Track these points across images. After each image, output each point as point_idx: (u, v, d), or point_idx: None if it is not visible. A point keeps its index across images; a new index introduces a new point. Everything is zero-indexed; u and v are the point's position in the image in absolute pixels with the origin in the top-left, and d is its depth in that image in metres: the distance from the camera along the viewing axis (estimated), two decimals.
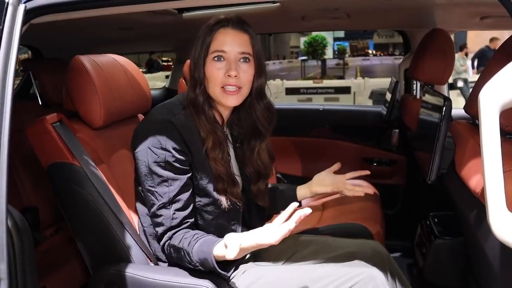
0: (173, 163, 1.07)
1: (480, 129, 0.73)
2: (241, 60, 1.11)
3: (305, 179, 2.50)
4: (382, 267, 1.21)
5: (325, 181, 1.40)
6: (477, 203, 0.93)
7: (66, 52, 2.06)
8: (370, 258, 1.22)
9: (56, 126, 1.21)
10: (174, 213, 1.08)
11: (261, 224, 1.35)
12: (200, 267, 1.07)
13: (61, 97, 1.36)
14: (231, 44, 1.10)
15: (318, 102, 9.36)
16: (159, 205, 1.08)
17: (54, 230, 1.98)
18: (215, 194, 1.13)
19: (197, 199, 1.13)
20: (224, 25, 1.11)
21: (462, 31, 3.11)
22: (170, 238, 1.10)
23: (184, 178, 1.09)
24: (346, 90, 10.74)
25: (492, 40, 9.51)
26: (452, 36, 2.36)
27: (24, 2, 0.81)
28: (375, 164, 2.54)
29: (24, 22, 0.80)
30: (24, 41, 2.48)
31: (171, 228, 1.09)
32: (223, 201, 1.13)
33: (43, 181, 1.25)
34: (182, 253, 1.07)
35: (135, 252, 1.19)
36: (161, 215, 1.09)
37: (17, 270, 0.87)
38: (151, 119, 1.12)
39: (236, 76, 1.09)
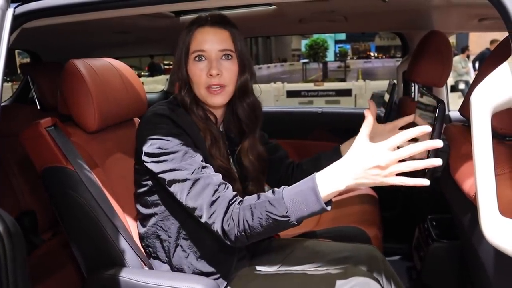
0: (186, 143, 1.03)
1: (472, 132, 0.72)
2: (223, 57, 1.09)
3: None
4: (377, 271, 1.20)
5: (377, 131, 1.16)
6: (471, 207, 0.92)
7: (64, 56, 2.07)
8: (365, 263, 1.21)
9: (50, 130, 1.21)
10: (212, 173, 1.00)
11: None
12: (291, 217, 0.90)
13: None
14: (210, 42, 1.08)
15: (319, 105, 9.36)
16: (192, 172, 0.99)
17: (51, 234, 1.98)
18: None
19: None
20: (202, 24, 1.10)
21: (461, 33, 3.10)
22: (236, 200, 0.97)
23: (201, 152, 1.04)
24: (347, 92, 10.74)
25: (492, 42, 9.49)
26: (454, 38, 2.35)
27: (14, 7, 0.81)
28: None
29: (13, 27, 0.79)
30: (21, 45, 2.48)
31: (220, 184, 0.99)
32: None
33: (41, 185, 1.25)
34: (267, 205, 0.91)
35: (129, 256, 1.18)
36: (199, 178, 0.98)
37: (8, 276, 0.86)
38: (149, 116, 1.09)
39: (218, 74, 1.07)
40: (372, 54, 40.78)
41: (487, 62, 1.01)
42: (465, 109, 1.08)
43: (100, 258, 1.21)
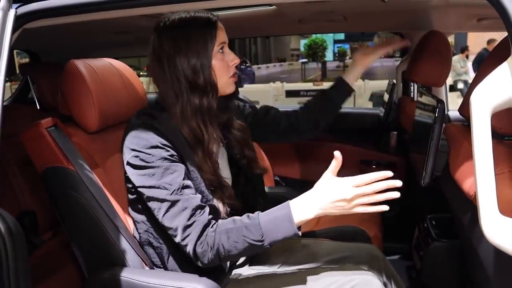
0: (168, 157, 1.02)
1: (472, 132, 0.73)
2: None
3: (304, 182, 2.51)
4: (378, 271, 1.21)
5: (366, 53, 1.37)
6: (470, 206, 0.93)
7: (63, 56, 2.07)
8: (365, 262, 1.22)
9: (51, 131, 1.21)
10: (190, 196, 1.01)
11: None
12: (266, 241, 0.97)
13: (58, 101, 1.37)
14: (225, 34, 1.12)
15: None
16: (172, 192, 1.00)
17: (52, 234, 1.99)
18: (208, 195, 1.09)
19: None
20: (216, 20, 1.11)
21: (459, 32, 3.11)
22: (210, 224, 1.01)
23: (183, 166, 1.04)
24: None
25: (489, 42, 9.51)
26: (452, 38, 2.36)
27: (16, 8, 0.82)
28: (373, 166, 2.53)
29: (15, 27, 0.80)
30: (21, 45, 2.48)
31: (197, 208, 1.00)
32: (218, 203, 1.10)
33: (41, 186, 1.25)
34: (244, 230, 0.97)
35: (130, 256, 1.18)
36: (178, 200, 0.99)
37: (9, 275, 0.86)
38: (133, 126, 1.07)
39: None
40: None
41: (487, 62, 1.02)
42: (464, 109, 1.08)
43: (101, 258, 1.21)
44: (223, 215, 1.09)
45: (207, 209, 1.03)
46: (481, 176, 0.71)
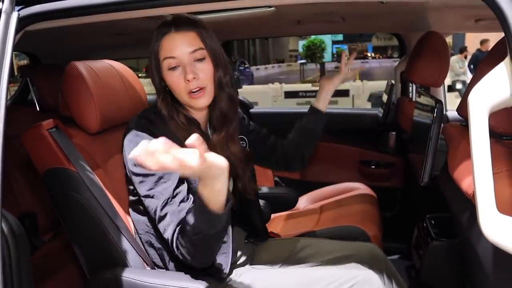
0: None
1: (470, 131, 0.73)
2: (196, 59, 1.09)
3: (303, 182, 2.52)
4: (379, 269, 1.22)
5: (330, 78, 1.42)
6: (469, 205, 0.93)
7: (63, 57, 2.08)
8: (366, 261, 1.23)
9: (52, 132, 1.22)
10: (179, 206, 1.03)
11: (261, 222, 1.36)
12: (205, 230, 0.94)
13: (58, 103, 1.37)
14: (179, 47, 1.07)
15: None
16: (162, 203, 1.02)
17: (52, 236, 1.99)
18: None
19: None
20: (167, 31, 1.08)
21: (457, 33, 3.12)
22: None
23: (177, 173, 1.04)
24: (344, 93, 10.74)
25: (482, 42, 9.55)
26: (450, 38, 2.36)
27: (18, 10, 0.82)
28: (372, 166, 2.55)
29: (18, 30, 0.80)
30: (20, 47, 2.49)
31: (181, 221, 1.01)
32: None
33: (41, 187, 1.26)
34: (186, 228, 0.97)
35: (132, 256, 1.19)
36: (166, 213, 1.02)
37: (12, 276, 0.87)
38: (130, 129, 1.09)
39: (194, 78, 1.07)
40: (369, 54, 40.89)
41: (484, 62, 1.03)
42: (462, 109, 1.09)
43: (102, 259, 1.22)
44: None
45: None
46: (479, 175, 0.72)
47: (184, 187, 1.05)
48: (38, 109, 2.22)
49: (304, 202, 2.18)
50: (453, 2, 1.41)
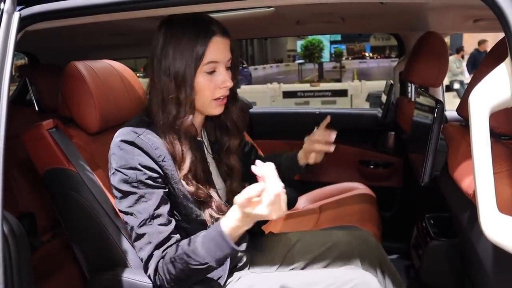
0: (146, 180, 1.00)
1: (471, 132, 0.74)
2: (227, 67, 1.07)
3: (303, 182, 2.52)
4: (373, 259, 1.26)
5: (314, 136, 1.39)
6: (469, 205, 0.94)
7: (62, 57, 2.07)
8: (361, 249, 1.28)
9: (52, 132, 1.22)
10: (158, 228, 1.00)
11: (257, 224, 1.36)
12: (210, 262, 0.95)
13: (57, 102, 1.37)
14: (223, 52, 1.04)
15: (315, 105, 9.39)
16: (140, 222, 1.00)
17: (51, 236, 1.99)
18: (196, 210, 1.08)
19: (179, 216, 1.08)
20: (212, 35, 1.02)
21: (456, 33, 3.13)
22: (162, 256, 1.00)
23: (160, 192, 1.02)
24: (343, 93, 10.78)
25: (480, 43, 9.60)
26: (448, 38, 2.37)
27: (19, 10, 0.82)
28: (371, 166, 2.55)
29: (19, 29, 0.80)
30: (19, 47, 2.48)
31: (161, 244, 1.00)
32: (207, 216, 1.09)
33: (40, 187, 1.26)
34: (185, 257, 0.97)
35: (132, 256, 1.19)
36: (144, 234, 1.00)
37: (13, 276, 0.86)
38: (116, 142, 1.04)
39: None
40: (367, 54, 40.94)
41: (484, 62, 1.03)
42: (462, 109, 1.09)
43: (102, 259, 1.21)
44: (210, 221, 1.09)
45: (170, 241, 1.02)
46: (480, 175, 0.72)
47: (165, 209, 1.02)
48: (36, 109, 2.21)
49: (303, 202, 2.19)
50: (452, 2, 1.41)
